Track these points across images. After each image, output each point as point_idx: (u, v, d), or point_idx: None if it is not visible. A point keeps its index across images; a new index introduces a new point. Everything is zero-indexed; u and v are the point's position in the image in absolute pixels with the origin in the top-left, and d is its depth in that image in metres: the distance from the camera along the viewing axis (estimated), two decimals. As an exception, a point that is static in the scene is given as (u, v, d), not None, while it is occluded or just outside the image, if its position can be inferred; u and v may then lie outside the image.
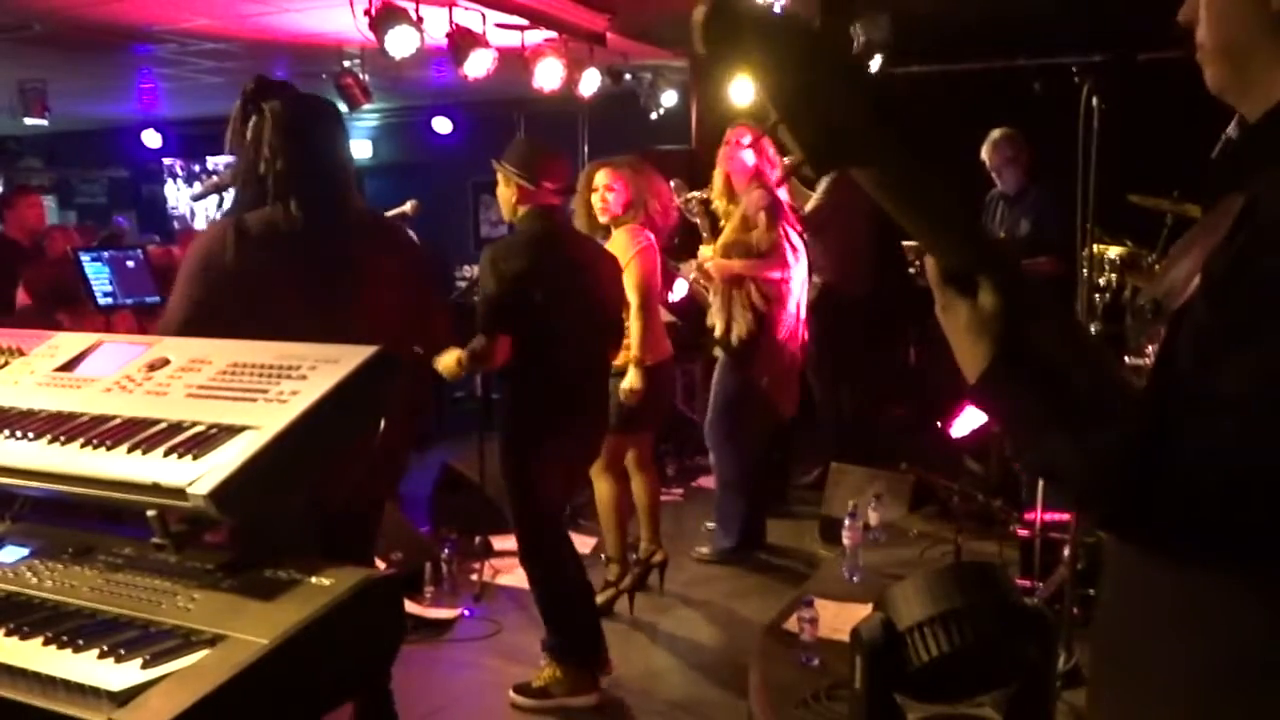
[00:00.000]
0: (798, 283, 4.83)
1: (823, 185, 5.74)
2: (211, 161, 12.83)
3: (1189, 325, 1.04)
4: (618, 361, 4.22)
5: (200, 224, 12.84)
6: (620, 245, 4.25)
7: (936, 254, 1.14)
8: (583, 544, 5.00)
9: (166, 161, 13.04)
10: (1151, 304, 1.18)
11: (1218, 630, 1.04)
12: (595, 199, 4.42)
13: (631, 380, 4.22)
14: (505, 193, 3.67)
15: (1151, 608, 1.11)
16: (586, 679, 3.67)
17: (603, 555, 4.59)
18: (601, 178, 4.43)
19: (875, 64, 5.70)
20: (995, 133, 5.67)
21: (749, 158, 4.75)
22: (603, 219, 4.42)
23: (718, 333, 4.85)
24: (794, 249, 4.77)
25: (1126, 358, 3.39)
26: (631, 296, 4.18)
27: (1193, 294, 1.05)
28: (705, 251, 4.94)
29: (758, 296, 4.74)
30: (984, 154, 5.69)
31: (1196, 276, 1.05)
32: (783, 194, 4.92)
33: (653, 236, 4.42)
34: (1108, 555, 1.23)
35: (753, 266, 4.75)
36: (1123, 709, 1.17)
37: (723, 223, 4.87)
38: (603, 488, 4.38)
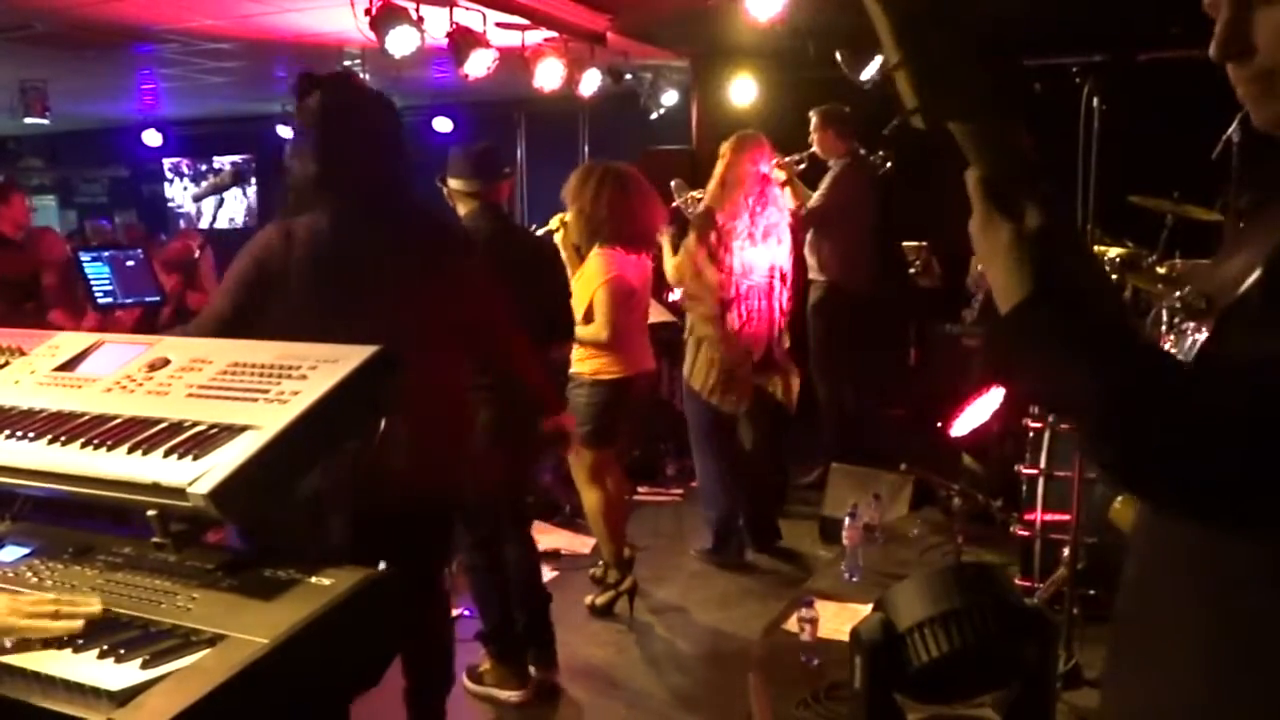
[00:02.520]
0: (747, 287, 4.80)
1: (825, 183, 5.75)
2: (216, 161, 12.85)
3: (1240, 316, 1.04)
4: (575, 370, 4.29)
5: (204, 223, 12.88)
6: (592, 269, 4.25)
7: (983, 163, 1.10)
8: (583, 544, 5.02)
9: (171, 160, 13.05)
10: (1202, 299, 1.17)
11: (1238, 600, 1.04)
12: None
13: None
14: (459, 208, 3.78)
15: (1173, 579, 1.11)
16: (512, 675, 3.70)
17: (599, 561, 4.60)
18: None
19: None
20: None
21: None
22: None
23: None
24: (714, 262, 4.73)
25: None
26: (597, 314, 4.20)
27: (1250, 285, 1.04)
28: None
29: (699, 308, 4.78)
30: None
31: (1255, 271, 1.04)
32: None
33: (645, 260, 4.43)
34: (1135, 530, 1.22)
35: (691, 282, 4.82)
36: (1141, 683, 1.17)
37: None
38: (590, 498, 4.39)
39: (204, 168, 13.03)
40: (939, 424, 4.37)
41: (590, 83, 6.97)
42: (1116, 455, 1.03)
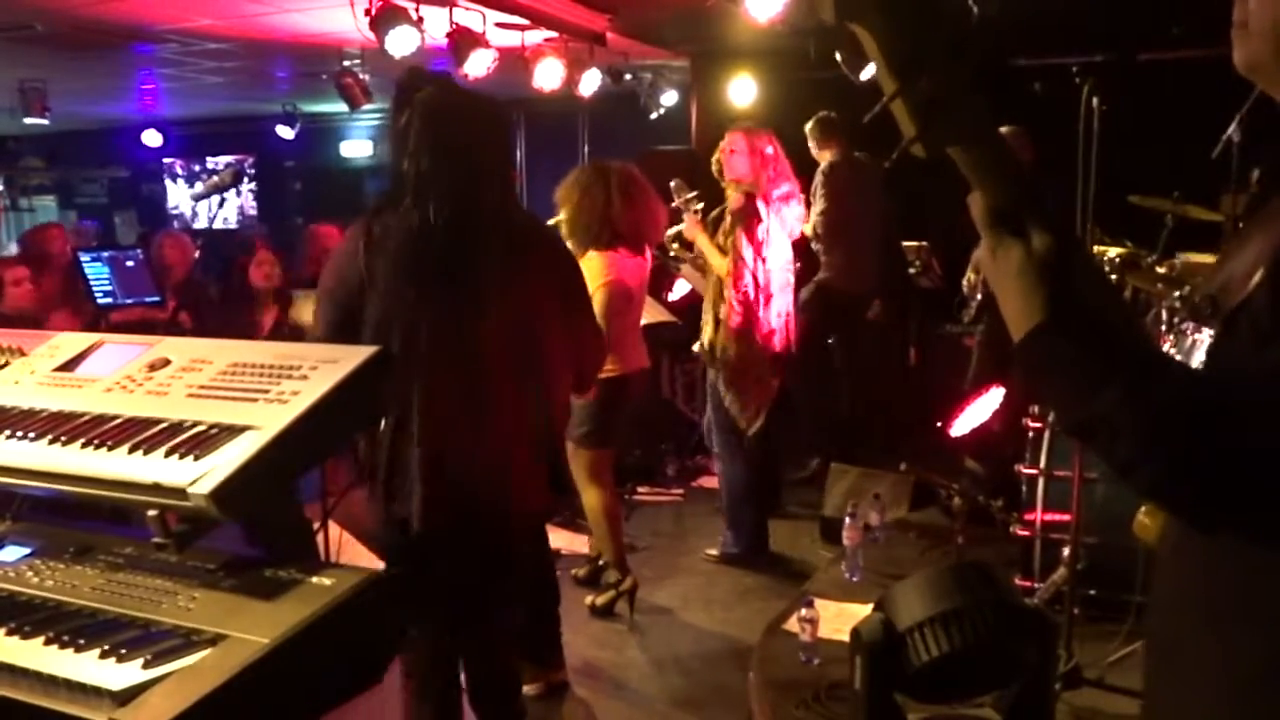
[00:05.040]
0: (776, 284, 4.79)
1: (817, 191, 5.75)
2: (212, 161, 12.86)
3: (1249, 315, 1.03)
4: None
5: (201, 223, 12.88)
6: (593, 269, 4.23)
7: (985, 187, 1.09)
8: (584, 544, 5.02)
9: (166, 161, 13.06)
10: (1208, 301, 1.12)
11: (1271, 616, 1.03)
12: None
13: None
14: None
15: (1205, 601, 1.11)
16: (529, 670, 3.68)
17: (600, 561, 4.60)
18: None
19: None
20: (1002, 129, 5.66)
21: (740, 164, 4.76)
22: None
23: (704, 339, 4.86)
24: (757, 252, 4.71)
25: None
26: (595, 315, 4.19)
27: (1254, 287, 1.03)
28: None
29: (730, 299, 4.75)
30: None
31: (1259, 270, 1.03)
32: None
33: (644, 260, 4.42)
34: (1164, 549, 1.22)
35: (714, 257, 4.76)
36: (1174, 704, 1.17)
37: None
38: (590, 497, 4.38)
39: (197, 168, 13.05)
40: (939, 424, 4.37)
41: (590, 83, 6.97)
42: (1158, 478, 1.02)
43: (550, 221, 4.55)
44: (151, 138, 11.80)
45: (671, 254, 5.16)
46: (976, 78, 1.03)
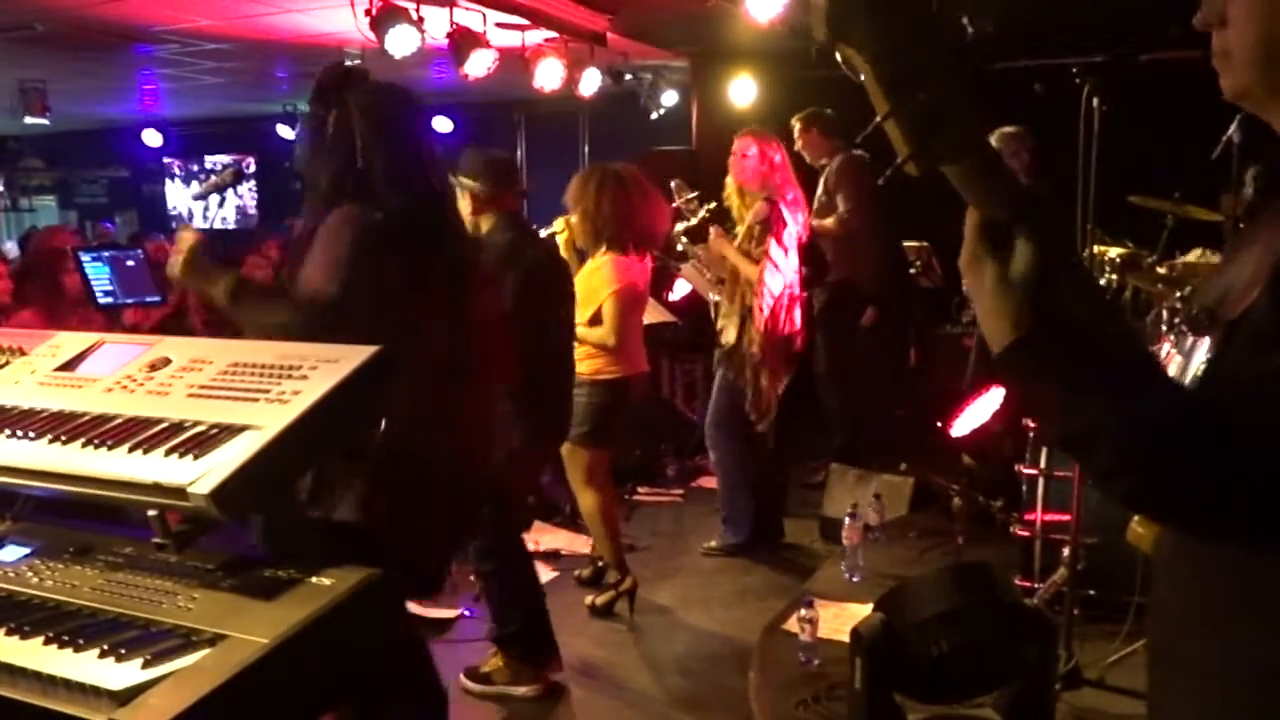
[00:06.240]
0: (797, 286, 4.82)
1: (836, 185, 5.75)
2: (211, 161, 12.87)
3: (1248, 326, 1.03)
4: (583, 370, 4.27)
5: (199, 223, 12.87)
6: (604, 275, 4.25)
7: (978, 202, 1.09)
8: (584, 544, 5.02)
9: (166, 161, 13.06)
10: (1205, 313, 1.12)
11: (1269, 626, 1.03)
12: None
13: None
14: (463, 205, 3.63)
15: (1203, 604, 1.11)
16: (528, 671, 3.72)
17: (599, 562, 4.60)
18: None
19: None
20: (1006, 129, 5.66)
21: (750, 168, 4.78)
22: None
23: (727, 338, 4.87)
24: (780, 260, 4.74)
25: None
26: (607, 320, 4.22)
27: (1255, 298, 1.03)
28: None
29: (752, 301, 4.76)
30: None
31: (1258, 285, 1.03)
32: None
33: (647, 262, 4.43)
34: (1161, 553, 1.22)
35: (744, 265, 4.78)
36: (1176, 709, 1.17)
37: (737, 226, 4.89)
38: (586, 499, 4.38)
39: (196, 168, 13.06)
40: (939, 424, 4.37)
41: (590, 83, 6.97)
42: (1136, 488, 1.02)
43: (554, 224, 4.56)
44: (151, 138, 11.80)
45: (680, 248, 5.16)
46: (970, 93, 1.03)
